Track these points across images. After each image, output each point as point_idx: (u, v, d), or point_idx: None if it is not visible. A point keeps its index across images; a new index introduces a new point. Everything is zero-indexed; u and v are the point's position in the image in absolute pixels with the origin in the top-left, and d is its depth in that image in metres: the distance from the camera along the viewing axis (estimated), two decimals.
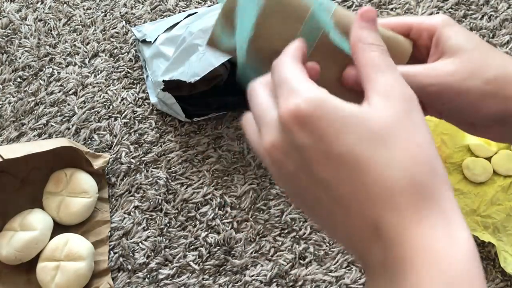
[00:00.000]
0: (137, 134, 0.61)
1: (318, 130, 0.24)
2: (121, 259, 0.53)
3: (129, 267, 0.53)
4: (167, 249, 0.53)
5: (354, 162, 0.23)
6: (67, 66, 0.67)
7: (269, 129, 0.26)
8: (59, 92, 0.65)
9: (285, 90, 0.25)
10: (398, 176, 0.23)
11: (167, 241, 0.54)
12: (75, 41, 0.69)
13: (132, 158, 0.59)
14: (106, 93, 0.64)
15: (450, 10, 0.67)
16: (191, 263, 0.52)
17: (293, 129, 0.24)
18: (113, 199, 0.57)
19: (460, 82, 0.31)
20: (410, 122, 0.25)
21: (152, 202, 0.55)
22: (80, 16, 0.71)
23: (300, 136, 0.24)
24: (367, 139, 0.24)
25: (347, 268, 0.51)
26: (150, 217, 0.55)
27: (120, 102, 0.63)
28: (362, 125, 0.24)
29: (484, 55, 0.32)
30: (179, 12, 0.70)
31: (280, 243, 0.52)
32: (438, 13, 0.67)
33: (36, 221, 0.52)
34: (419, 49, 0.35)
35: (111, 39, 0.68)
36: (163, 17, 0.70)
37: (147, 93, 0.63)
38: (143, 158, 0.59)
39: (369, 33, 0.28)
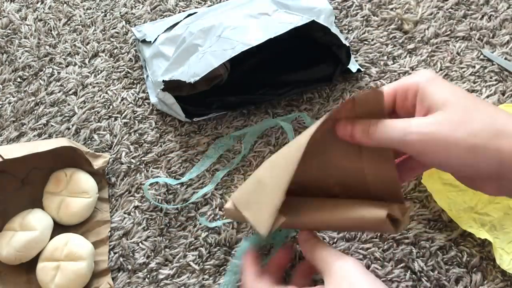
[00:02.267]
0: (137, 134, 0.61)
1: None
2: (121, 259, 0.53)
3: (129, 267, 0.53)
4: (167, 249, 0.53)
5: None
6: (67, 66, 0.67)
7: None
8: (59, 92, 0.65)
9: None
10: None
11: (167, 241, 0.54)
12: (75, 41, 0.69)
13: (132, 158, 0.59)
14: (106, 93, 0.64)
15: (450, 10, 0.67)
16: (191, 263, 0.52)
17: None
18: (113, 199, 0.57)
19: (445, 135, 0.31)
20: None
21: (151, 202, 0.55)
22: (80, 16, 0.71)
23: None
24: None
25: None
26: (150, 217, 0.55)
27: (120, 102, 0.63)
28: None
29: (470, 108, 0.32)
30: (179, 12, 0.70)
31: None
32: (438, 13, 0.67)
33: (36, 221, 0.52)
34: (409, 110, 0.36)
35: (111, 39, 0.69)
36: (163, 17, 0.70)
37: (147, 93, 0.63)
38: (143, 158, 0.59)
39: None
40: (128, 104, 0.63)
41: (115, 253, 0.54)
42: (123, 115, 0.62)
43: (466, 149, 0.31)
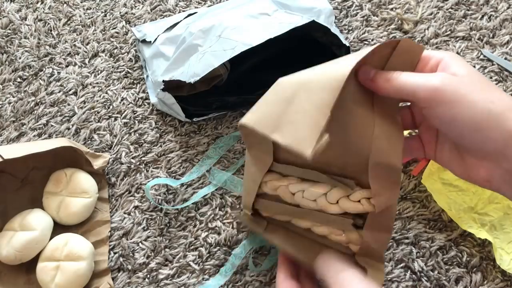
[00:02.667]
0: (137, 134, 0.61)
1: None
2: (121, 259, 0.53)
3: (129, 267, 0.53)
4: (167, 249, 0.53)
5: None
6: (67, 66, 0.67)
7: None
8: (59, 92, 0.65)
9: None
10: None
11: (167, 241, 0.54)
12: (75, 41, 0.69)
13: (132, 158, 0.59)
14: (106, 93, 0.64)
15: (450, 10, 0.67)
16: (191, 263, 0.52)
17: None
18: (113, 199, 0.57)
19: (465, 91, 0.31)
20: None
21: (152, 202, 0.55)
22: (80, 16, 0.71)
23: None
24: None
25: None
26: (150, 217, 0.55)
27: (120, 102, 0.63)
28: None
29: (489, 85, 0.32)
30: (179, 12, 0.70)
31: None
32: (438, 13, 0.67)
33: (36, 221, 0.52)
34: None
35: (111, 39, 0.69)
36: (163, 17, 0.70)
37: (147, 93, 0.63)
38: (143, 158, 0.59)
39: None
40: (128, 104, 0.63)
41: (115, 253, 0.54)
42: (123, 115, 0.62)
43: (481, 111, 0.30)
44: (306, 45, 0.60)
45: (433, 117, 0.33)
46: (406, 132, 0.51)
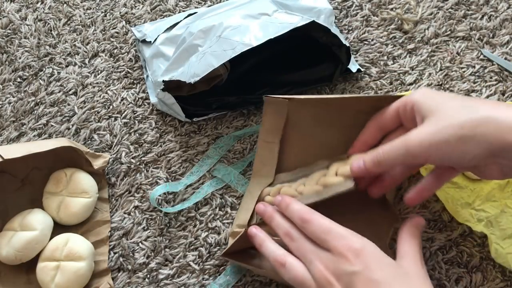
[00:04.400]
0: (137, 134, 0.61)
1: (367, 261, 0.35)
2: (121, 259, 0.53)
3: (129, 267, 0.53)
4: (167, 249, 0.53)
5: (387, 287, 0.35)
6: (67, 66, 0.67)
7: (324, 260, 0.37)
8: (59, 92, 0.65)
9: (334, 235, 0.37)
10: None
11: (167, 241, 0.54)
12: (75, 41, 0.69)
13: (132, 158, 0.59)
14: (106, 93, 0.64)
15: (450, 10, 0.67)
16: (191, 263, 0.52)
17: (350, 258, 0.35)
18: (113, 199, 0.57)
19: (438, 135, 0.36)
20: (426, 281, 0.36)
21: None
22: (80, 16, 0.71)
23: (355, 263, 0.35)
24: (397, 276, 0.35)
25: None
26: (150, 217, 0.55)
27: (120, 102, 0.63)
28: (395, 268, 0.36)
29: (456, 107, 0.37)
30: (179, 12, 0.70)
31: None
32: (438, 13, 0.67)
33: (36, 221, 0.52)
34: (410, 122, 0.42)
35: (111, 39, 0.69)
36: (163, 17, 0.70)
37: (147, 93, 0.63)
38: (143, 158, 0.59)
39: (417, 231, 0.41)
40: (128, 104, 0.63)
41: (115, 253, 0.54)
42: (123, 115, 0.62)
43: (457, 142, 0.35)
44: (306, 45, 0.60)
45: (433, 164, 0.41)
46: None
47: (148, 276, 0.52)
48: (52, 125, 0.62)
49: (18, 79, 0.66)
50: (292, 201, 0.42)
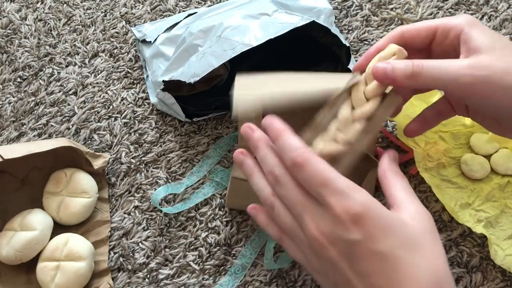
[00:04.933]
0: (137, 134, 0.61)
1: (368, 229, 0.29)
2: (121, 259, 0.53)
3: (129, 267, 0.53)
4: (167, 249, 0.53)
5: (393, 260, 0.28)
6: (67, 66, 0.67)
7: (317, 219, 0.30)
8: (59, 92, 0.65)
9: (332, 190, 0.29)
10: (424, 276, 0.28)
11: (167, 241, 0.54)
12: (75, 41, 0.69)
13: (132, 158, 0.59)
14: (106, 93, 0.64)
15: (450, 10, 0.67)
16: (191, 263, 0.52)
17: (348, 225, 0.29)
18: (113, 199, 0.57)
19: (498, 77, 0.31)
20: (434, 236, 0.31)
21: (152, 202, 0.55)
22: (80, 16, 0.71)
23: (353, 231, 0.29)
24: (405, 243, 0.29)
25: None
26: (150, 217, 0.55)
27: (120, 102, 0.63)
28: (401, 231, 0.29)
29: None
30: (179, 12, 0.70)
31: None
32: (438, 13, 0.67)
33: (36, 221, 0.52)
34: (447, 48, 0.37)
35: (111, 39, 0.69)
36: (163, 17, 0.70)
37: (147, 93, 0.63)
38: (143, 158, 0.59)
39: (396, 166, 0.35)
40: (128, 104, 0.63)
41: (115, 253, 0.54)
42: (123, 115, 0.62)
43: None
44: (306, 45, 0.60)
45: (467, 103, 0.35)
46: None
47: (148, 276, 0.52)
48: (52, 125, 0.62)
49: (18, 79, 0.66)
50: (283, 132, 0.32)
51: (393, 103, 0.35)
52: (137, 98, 0.63)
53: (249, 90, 0.39)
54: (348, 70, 0.61)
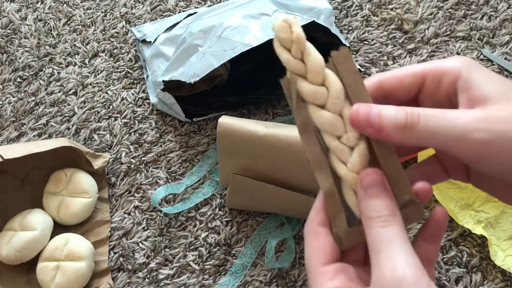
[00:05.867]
0: (137, 134, 0.61)
1: None
2: (121, 259, 0.53)
3: (129, 267, 0.53)
4: (167, 249, 0.53)
5: None
6: (67, 66, 0.67)
7: None
8: (59, 92, 0.65)
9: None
10: None
11: (167, 241, 0.54)
12: (75, 41, 0.69)
13: (132, 158, 0.59)
14: (106, 93, 0.64)
15: (450, 10, 0.67)
16: (191, 263, 0.52)
17: None
18: (113, 199, 0.57)
19: (507, 134, 0.24)
20: None
21: (152, 202, 0.55)
22: (80, 16, 0.71)
23: None
24: None
25: None
26: (150, 217, 0.55)
27: (120, 102, 0.63)
28: None
29: None
30: (179, 12, 0.70)
31: (280, 243, 0.52)
32: (438, 13, 0.67)
33: (36, 221, 0.52)
34: (440, 100, 0.29)
35: (111, 39, 0.68)
36: (163, 17, 0.70)
37: (147, 93, 0.63)
38: (143, 158, 0.59)
39: (370, 204, 0.25)
40: (128, 104, 0.63)
41: (115, 253, 0.54)
42: (123, 115, 0.62)
43: None
44: None
45: (478, 167, 0.27)
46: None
47: (148, 276, 0.52)
48: (52, 125, 0.62)
49: (18, 79, 0.66)
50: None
51: (413, 218, 0.27)
52: (137, 98, 0.63)
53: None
54: None
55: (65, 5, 0.72)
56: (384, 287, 0.22)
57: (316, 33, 0.58)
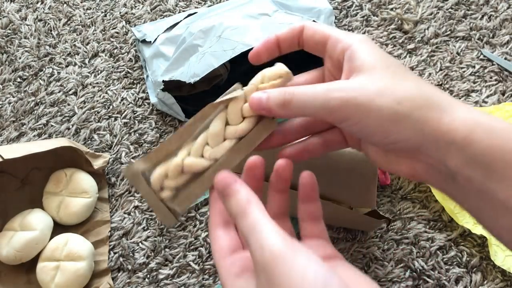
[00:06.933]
0: (137, 134, 0.61)
1: None
2: (121, 259, 0.53)
3: (129, 267, 0.53)
4: (167, 249, 0.53)
5: None
6: (67, 66, 0.67)
7: None
8: (59, 92, 0.65)
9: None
10: None
11: (167, 241, 0.54)
12: (75, 41, 0.69)
13: (132, 158, 0.59)
14: (106, 93, 0.64)
15: (450, 10, 0.67)
16: (191, 263, 0.52)
17: None
18: (113, 199, 0.57)
19: (368, 99, 0.29)
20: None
21: None
22: (80, 16, 0.71)
23: None
24: None
25: None
26: (150, 217, 0.55)
27: (120, 102, 0.63)
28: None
29: (398, 75, 0.30)
30: (179, 12, 0.70)
31: None
32: (438, 13, 0.67)
33: (36, 221, 0.52)
34: (335, 63, 0.34)
35: (111, 39, 0.68)
36: (163, 17, 0.70)
37: (147, 93, 0.63)
38: None
39: (229, 204, 0.28)
40: (128, 104, 0.63)
41: (115, 253, 0.54)
42: (123, 115, 0.62)
43: (388, 117, 0.28)
44: None
45: (341, 127, 0.31)
46: None
47: (148, 276, 0.52)
48: (52, 125, 0.62)
49: (18, 79, 0.66)
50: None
51: (268, 128, 0.33)
52: (137, 98, 0.63)
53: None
54: None
55: (65, 5, 0.72)
56: (259, 269, 0.25)
57: None
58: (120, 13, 0.71)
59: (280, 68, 0.34)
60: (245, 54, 0.53)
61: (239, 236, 0.31)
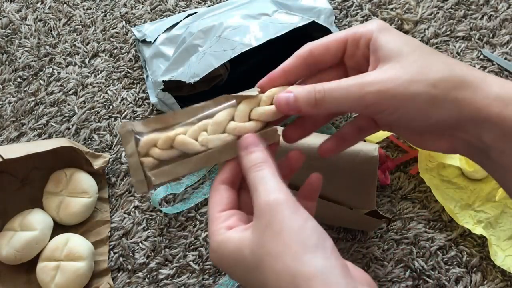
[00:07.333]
0: None
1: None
2: (121, 259, 0.53)
3: (129, 267, 0.53)
4: (167, 249, 0.53)
5: (246, 285, 0.29)
6: (67, 66, 0.67)
7: None
8: (59, 92, 0.65)
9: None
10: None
11: (167, 241, 0.54)
12: (75, 41, 0.69)
13: None
14: (106, 93, 0.64)
15: (450, 10, 0.67)
16: (191, 263, 0.52)
17: None
18: (113, 199, 0.57)
19: (403, 87, 0.29)
20: (273, 240, 0.26)
21: (152, 202, 0.55)
22: (80, 16, 0.71)
23: None
24: (245, 271, 0.28)
25: None
26: (150, 217, 0.55)
27: (120, 102, 0.63)
28: (241, 261, 0.28)
29: (426, 58, 0.30)
30: (179, 12, 0.70)
31: None
32: (438, 13, 0.67)
33: (36, 221, 0.52)
34: (359, 60, 0.33)
35: (111, 39, 0.68)
36: (163, 17, 0.70)
37: (147, 93, 0.63)
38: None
39: (249, 158, 0.31)
40: (128, 104, 0.63)
41: (115, 253, 0.54)
42: (123, 115, 0.62)
43: (426, 102, 0.29)
44: None
45: (377, 118, 0.32)
46: None
47: (148, 276, 0.52)
48: (52, 125, 0.62)
49: (18, 79, 0.66)
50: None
51: (270, 139, 0.33)
52: (137, 98, 0.63)
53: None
54: None
55: (65, 5, 0.72)
56: (261, 211, 0.27)
57: (316, 33, 0.58)
58: (120, 13, 0.71)
59: (273, 92, 0.35)
60: (245, 53, 0.53)
61: (238, 200, 0.32)
